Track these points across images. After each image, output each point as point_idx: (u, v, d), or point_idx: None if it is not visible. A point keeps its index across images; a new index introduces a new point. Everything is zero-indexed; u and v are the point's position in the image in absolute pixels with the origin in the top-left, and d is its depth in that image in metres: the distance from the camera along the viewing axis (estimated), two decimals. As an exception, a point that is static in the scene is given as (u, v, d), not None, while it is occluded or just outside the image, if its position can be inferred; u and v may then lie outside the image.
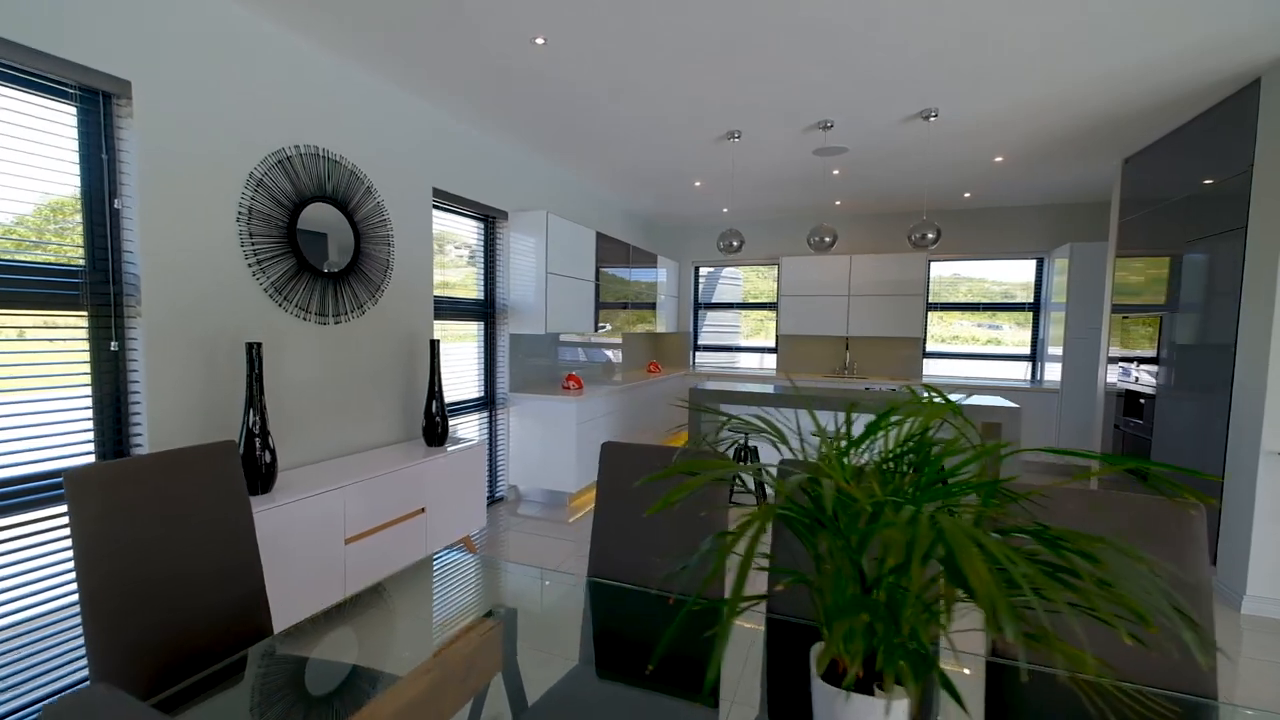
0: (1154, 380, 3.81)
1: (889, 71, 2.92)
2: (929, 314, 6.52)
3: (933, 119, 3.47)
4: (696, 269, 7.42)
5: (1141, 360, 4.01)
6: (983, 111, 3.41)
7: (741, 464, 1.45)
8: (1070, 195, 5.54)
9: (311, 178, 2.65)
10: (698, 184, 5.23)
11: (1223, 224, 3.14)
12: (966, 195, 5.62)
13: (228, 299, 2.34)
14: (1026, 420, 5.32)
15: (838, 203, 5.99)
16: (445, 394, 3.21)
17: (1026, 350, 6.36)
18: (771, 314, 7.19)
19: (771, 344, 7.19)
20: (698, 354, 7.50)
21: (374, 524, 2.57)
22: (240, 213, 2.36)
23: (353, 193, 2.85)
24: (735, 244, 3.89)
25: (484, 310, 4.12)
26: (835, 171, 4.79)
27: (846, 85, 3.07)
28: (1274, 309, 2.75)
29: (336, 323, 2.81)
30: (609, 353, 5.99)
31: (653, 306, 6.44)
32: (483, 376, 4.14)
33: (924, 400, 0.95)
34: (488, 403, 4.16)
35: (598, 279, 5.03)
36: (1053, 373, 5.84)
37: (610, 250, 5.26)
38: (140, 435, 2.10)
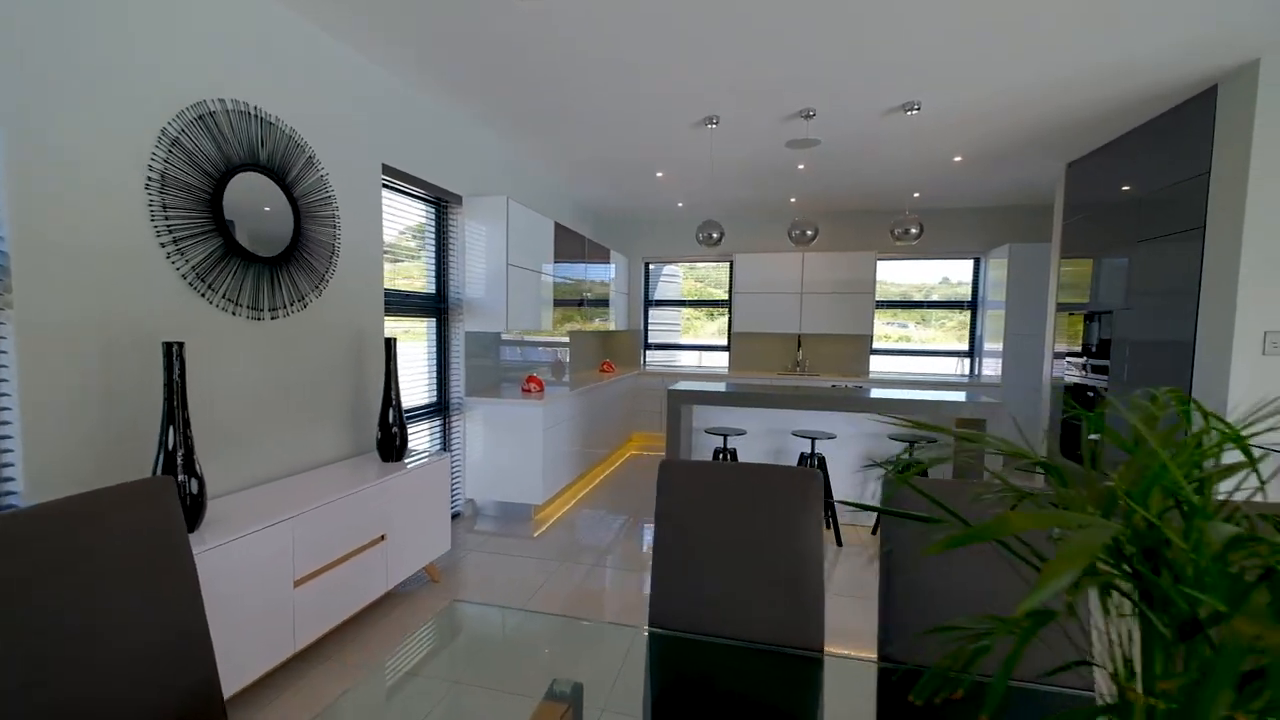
0: (1105, 374, 3.98)
1: (882, 54, 2.81)
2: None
3: (913, 113, 3.43)
4: (647, 265, 7.20)
5: (1090, 355, 4.20)
6: (962, 106, 3.40)
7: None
8: (1008, 198, 5.80)
9: (241, 141, 2.17)
10: (660, 175, 5.00)
11: (1179, 224, 3.29)
12: (916, 195, 5.75)
13: (135, 288, 1.85)
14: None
15: (793, 200, 5.96)
16: (391, 399, 2.79)
17: (964, 346, 6.63)
18: (719, 311, 7.09)
19: (721, 341, 7.10)
20: (648, 352, 7.29)
21: (328, 559, 2.14)
22: (151, 179, 1.87)
23: (291, 162, 2.39)
24: (715, 235, 3.69)
25: (436, 306, 3.68)
26: (800, 166, 4.72)
27: (837, 68, 2.94)
28: (1235, 306, 2.88)
29: (274, 318, 2.33)
30: (557, 352, 5.63)
31: (606, 303, 6.15)
32: (434, 380, 3.70)
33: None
34: (441, 409, 3.72)
35: (555, 273, 4.69)
36: (989, 368, 6.10)
37: (566, 243, 4.93)
38: (12, 471, 1.59)
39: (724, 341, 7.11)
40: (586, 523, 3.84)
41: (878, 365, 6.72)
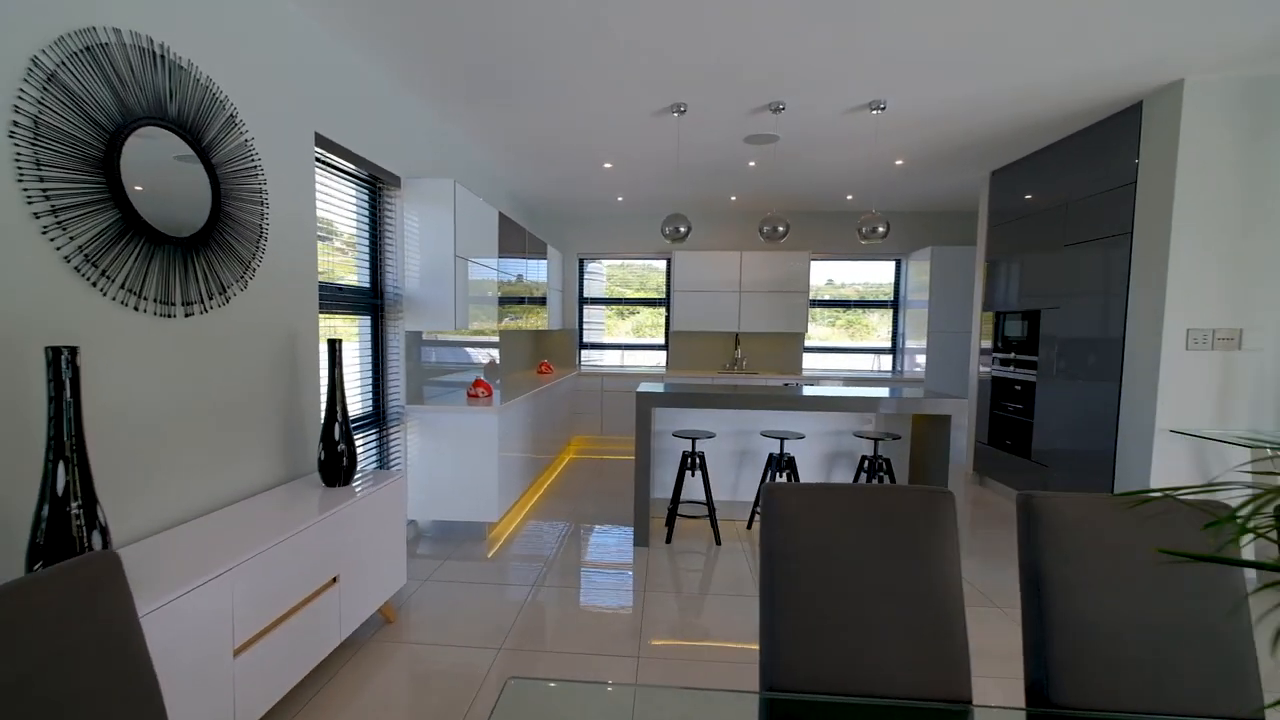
0: (1033, 369, 4.26)
1: (862, 44, 2.76)
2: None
3: (877, 112, 3.45)
4: (581, 261, 6.92)
5: (1017, 351, 4.48)
6: (923, 109, 3.46)
7: None
8: (930, 203, 6.13)
9: (144, 87, 1.69)
10: (608, 165, 4.75)
11: (1107, 230, 3.56)
12: (849, 198, 5.93)
13: (-6, 272, 1.35)
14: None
15: (733, 198, 5.94)
16: (337, 412, 2.35)
17: (887, 344, 6.96)
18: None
19: (649, 340, 6.97)
20: (582, 352, 7.01)
21: (273, 615, 1.72)
22: (18, 125, 1.38)
23: (209, 120, 1.91)
24: (682, 230, 3.52)
25: (370, 302, 3.21)
26: (752, 163, 4.67)
27: (818, 55, 2.86)
28: (1164, 305, 3.13)
29: (189, 314, 1.85)
30: (486, 353, 5.20)
31: (543, 301, 5.81)
32: (370, 386, 3.23)
33: None
34: (377, 420, 3.26)
35: (499, 268, 4.31)
36: (911, 364, 6.44)
37: (509, 235, 4.56)
38: None
39: (655, 340, 6.99)
40: (541, 538, 3.53)
41: (810, 363, 6.89)
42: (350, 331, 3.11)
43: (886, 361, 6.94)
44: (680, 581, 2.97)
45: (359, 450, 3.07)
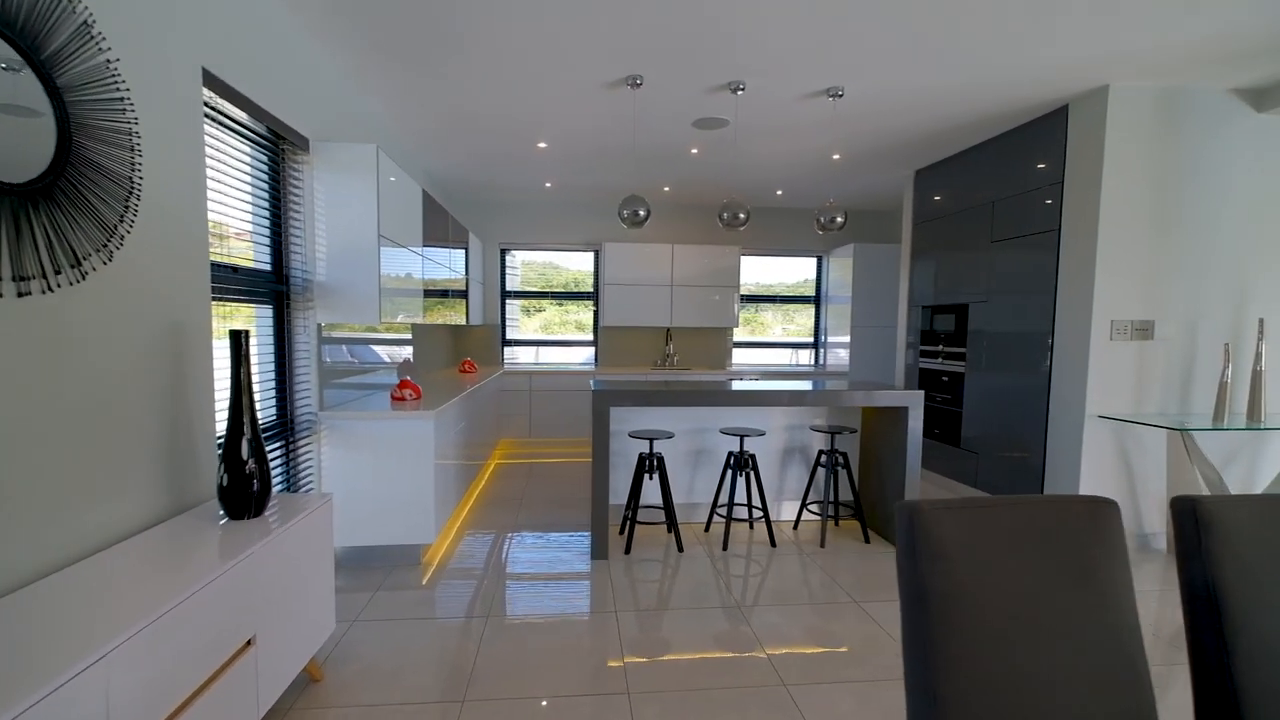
0: (962, 361, 4.45)
1: (831, 28, 2.65)
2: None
3: (835, 99, 3.38)
4: (504, 252, 6.43)
5: (946, 343, 4.67)
6: (880, 99, 3.43)
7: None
8: (851, 202, 6.31)
9: (-56, -42, 1.15)
10: (542, 145, 4.37)
11: (1035, 227, 3.74)
12: (779, 193, 5.95)
13: None
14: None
15: (666, 189, 5.76)
16: (245, 424, 1.84)
17: (809, 339, 7.12)
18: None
19: (585, 337, 6.65)
20: (505, 349, 6.53)
21: (170, 706, 1.25)
22: None
23: (49, 24, 1.38)
24: (641, 213, 3.24)
25: (273, 288, 2.65)
26: (694, 150, 4.49)
27: (783, 30, 2.70)
28: (1092, 298, 3.32)
29: (23, 293, 1.32)
30: (401, 351, 4.62)
31: (463, 294, 5.30)
32: (273, 390, 2.67)
33: None
34: (284, 430, 2.70)
35: (425, 254, 3.81)
36: (834, 357, 6.62)
37: (433, 218, 4.05)
38: None
39: (582, 336, 6.67)
40: (484, 557, 3.13)
41: (738, 358, 6.88)
42: (247, 323, 2.54)
43: (808, 356, 7.09)
44: (651, 597, 2.71)
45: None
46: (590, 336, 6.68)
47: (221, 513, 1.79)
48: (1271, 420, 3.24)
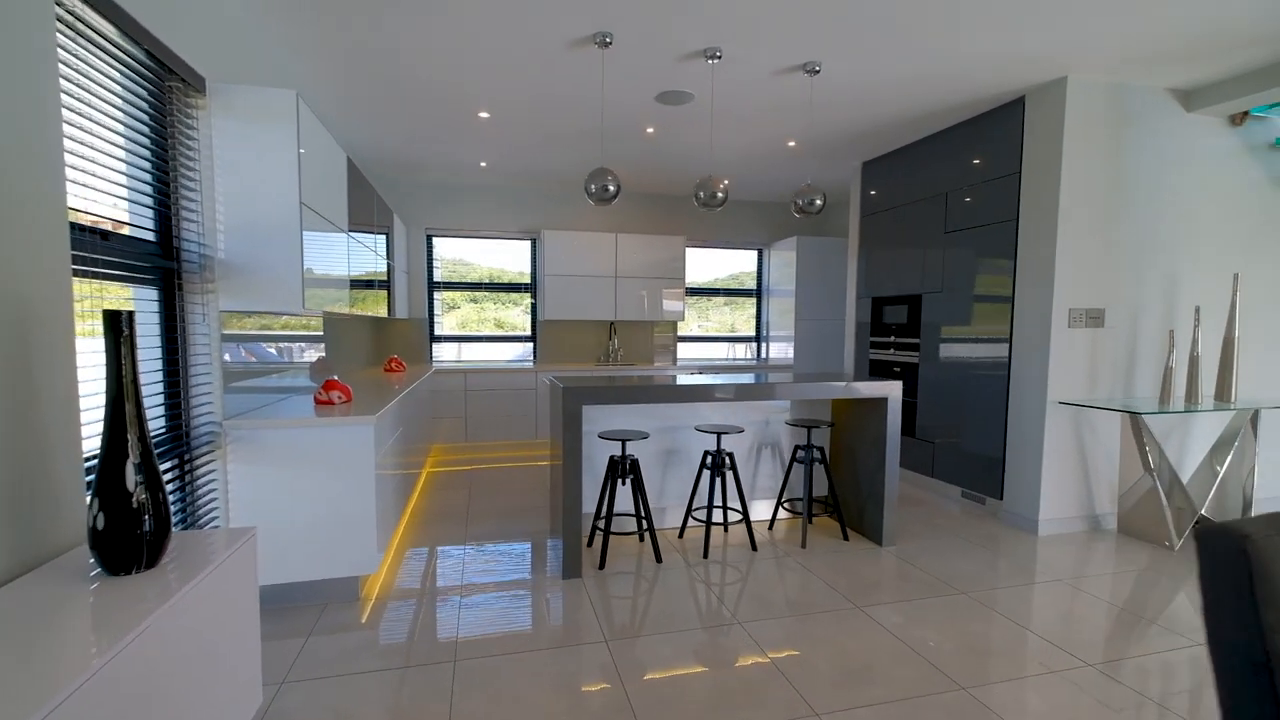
0: (916, 351, 4.47)
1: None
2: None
3: (812, 75, 3.21)
4: (430, 238, 5.84)
5: (898, 335, 4.69)
6: (855, 79, 3.30)
7: None
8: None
9: None
10: (484, 115, 3.91)
11: (991, 217, 3.78)
12: (725, 183, 5.78)
13: None
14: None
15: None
16: (130, 440, 1.33)
17: (752, 332, 7.06)
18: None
19: (522, 332, 6.20)
20: (435, 345, 5.94)
21: None
22: None
23: None
24: (611, 188, 2.91)
25: (158, 264, 2.08)
26: (650, 129, 4.21)
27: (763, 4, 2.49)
28: (1053, 287, 3.38)
29: None
30: (312, 347, 3.99)
31: (386, 285, 4.72)
32: (162, 395, 2.10)
33: None
34: (178, 446, 2.13)
35: (351, 233, 3.27)
36: (776, 351, 6.59)
37: (358, 193, 3.50)
38: None
39: (514, 331, 6.22)
40: (436, 585, 2.69)
41: (683, 352, 6.69)
42: (124, 308, 1.96)
43: (749, 350, 7.03)
44: (639, 620, 2.40)
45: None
46: (517, 332, 6.22)
47: (96, 566, 1.29)
48: (1207, 402, 3.44)
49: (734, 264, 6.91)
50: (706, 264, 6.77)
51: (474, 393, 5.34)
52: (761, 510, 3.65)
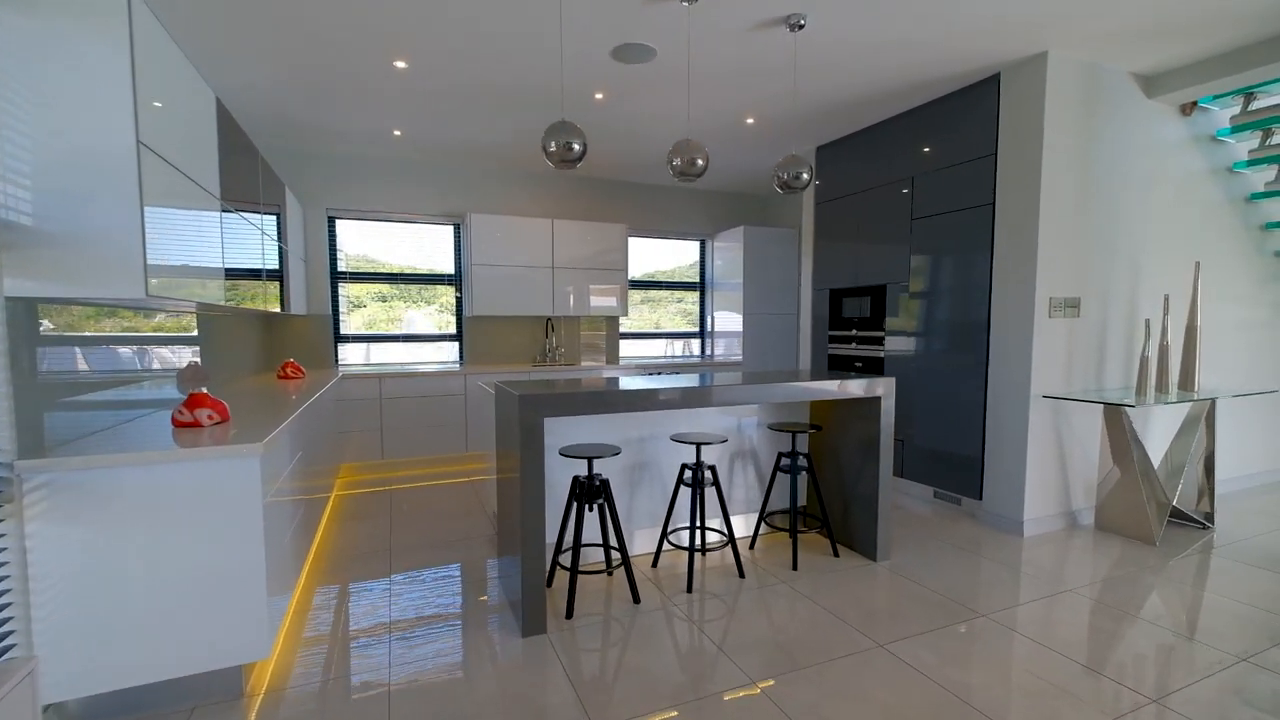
0: (880, 345, 4.25)
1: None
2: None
3: (795, 30, 2.83)
4: (332, 220, 4.98)
5: (860, 328, 4.46)
6: (839, 39, 2.95)
7: None
8: (737, 183, 5.96)
9: None
10: (400, 65, 3.23)
11: (964, 201, 3.58)
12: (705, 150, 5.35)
13: None
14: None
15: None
16: None
17: (695, 328, 6.69)
18: (406, 299, 5.46)
19: (447, 330, 5.47)
20: (340, 347, 5.09)
21: None
22: None
23: None
24: (576, 147, 2.36)
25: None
26: (599, 95, 3.68)
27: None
28: (1035, 274, 3.20)
29: None
30: (183, 352, 3.11)
31: (278, 276, 3.89)
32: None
33: None
34: (-69, 505, 1.38)
35: (224, 202, 2.51)
36: (721, 347, 6.27)
37: (233, 150, 2.73)
38: None
39: (436, 329, 5.49)
40: (349, 667, 2.05)
41: (625, 350, 6.21)
42: None
43: (694, 346, 6.66)
44: (633, 692, 1.89)
45: None
46: (439, 331, 5.49)
47: None
48: (1173, 392, 3.41)
49: (675, 256, 6.51)
50: (645, 256, 6.31)
51: (391, 401, 4.58)
52: (740, 527, 3.24)
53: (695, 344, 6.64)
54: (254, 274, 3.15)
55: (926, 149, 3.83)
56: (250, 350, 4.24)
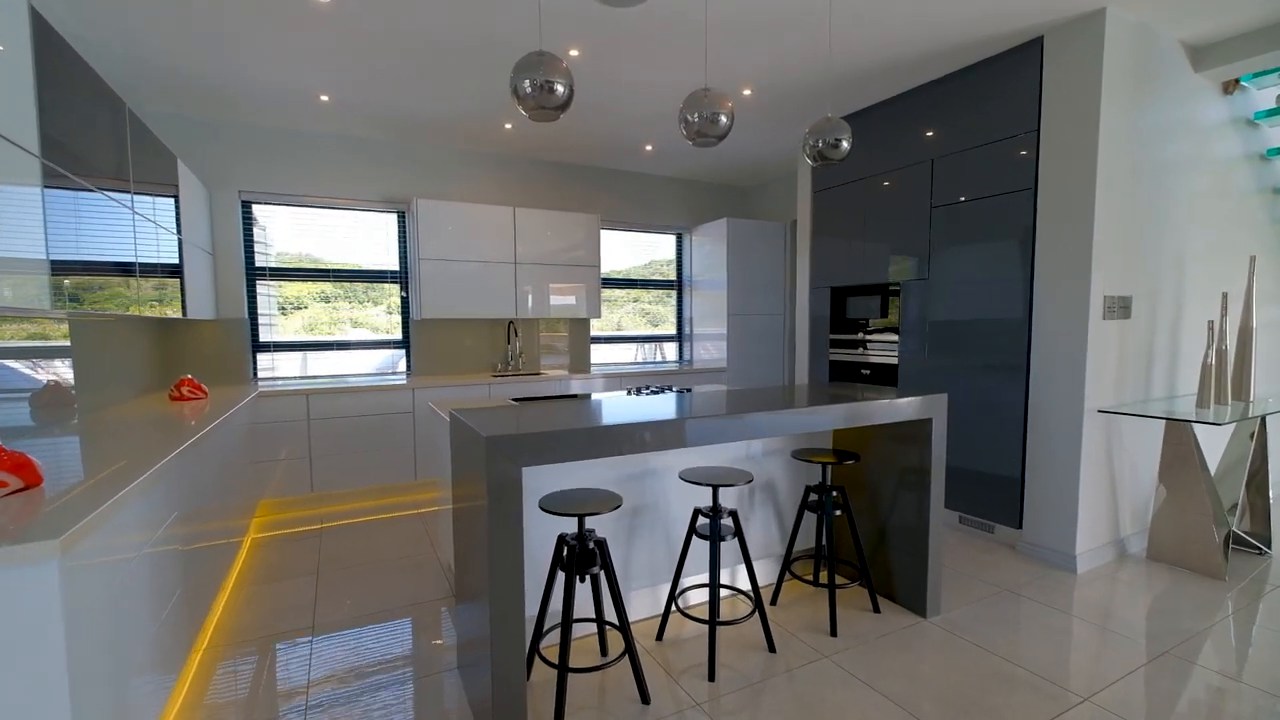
0: (893, 351, 3.77)
1: None
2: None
3: (827, -34, 2.27)
4: (248, 207, 4.15)
5: (867, 331, 3.97)
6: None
7: None
8: (717, 173, 5.41)
9: None
10: (324, 1, 2.51)
11: (998, 186, 3.12)
12: (649, 149, 4.77)
13: None
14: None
15: (508, 126, 4.17)
16: None
17: (673, 330, 6.11)
18: (344, 298, 4.70)
19: (391, 336, 4.71)
20: (260, 357, 4.26)
21: None
22: None
23: None
24: (560, 88, 1.70)
25: None
26: (574, 52, 3.04)
27: None
28: (1090, 268, 2.75)
29: None
30: (26, 367, 2.31)
31: (177, 271, 3.10)
32: None
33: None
34: None
35: (44, 156, 1.75)
36: (703, 351, 5.72)
37: (73, 102, 1.97)
38: None
39: (380, 332, 4.73)
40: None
41: (595, 356, 5.57)
42: None
43: (671, 351, 6.08)
44: None
45: None
46: (381, 336, 4.74)
47: None
48: (1261, 403, 3.03)
49: (646, 251, 5.91)
50: (608, 251, 5.69)
51: (321, 422, 3.81)
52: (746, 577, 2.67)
53: (668, 348, 6.06)
54: (123, 269, 2.38)
55: (950, 127, 3.36)
56: (141, 364, 3.41)
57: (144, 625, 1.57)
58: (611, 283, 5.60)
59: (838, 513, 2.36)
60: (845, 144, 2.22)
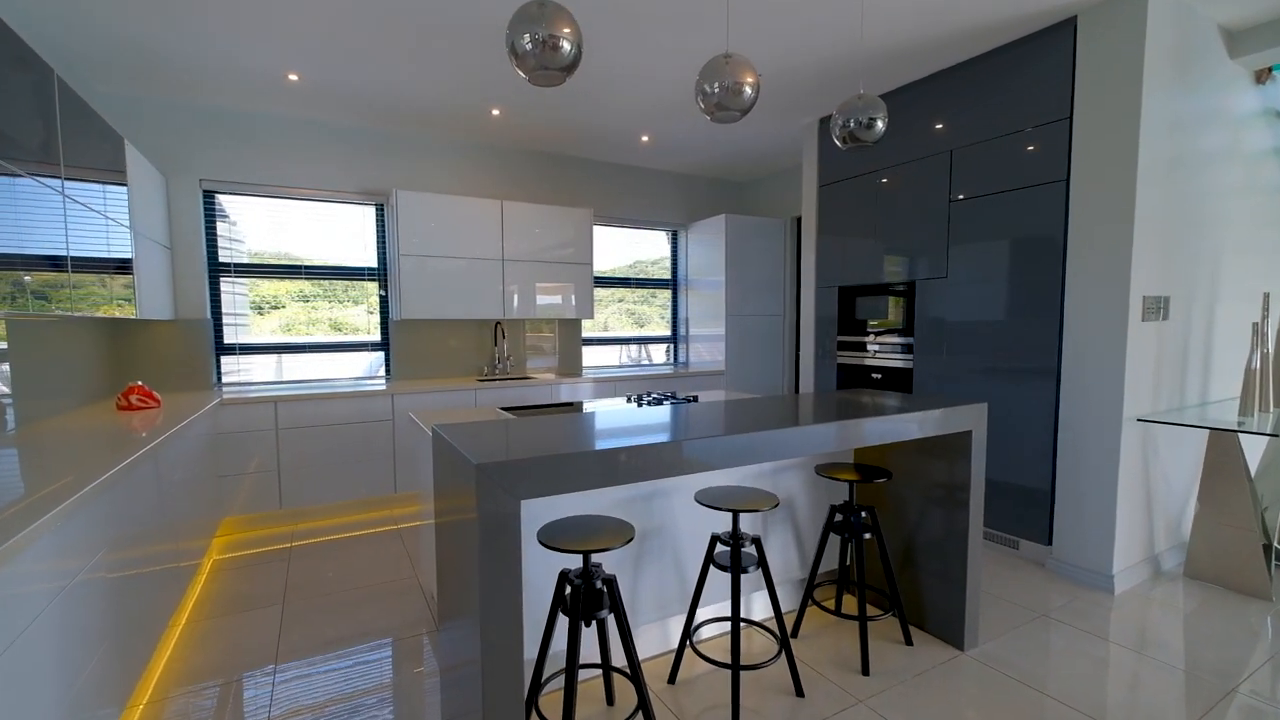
0: (908, 354, 3.55)
1: None
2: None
3: (859, -75, 2.03)
4: (211, 196, 3.82)
5: (878, 333, 3.75)
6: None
7: None
8: (714, 167, 5.17)
9: None
10: (285, -42, 2.21)
11: (1026, 178, 2.91)
12: (644, 139, 4.51)
13: None
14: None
15: (496, 112, 3.89)
16: None
17: (668, 331, 5.86)
18: (322, 297, 4.39)
19: (373, 336, 4.39)
20: (224, 361, 3.93)
21: None
22: None
23: None
24: (567, 47, 1.42)
25: None
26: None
27: None
28: (1129, 267, 2.55)
29: None
30: None
31: (126, 266, 2.78)
32: None
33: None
34: None
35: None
36: (699, 353, 5.48)
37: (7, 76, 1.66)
38: None
39: (351, 335, 4.42)
40: None
41: (587, 358, 5.30)
42: None
43: (665, 353, 5.83)
44: None
45: None
46: (357, 338, 4.42)
47: None
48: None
49: (643, 249, 5.65)
50: (611, 248, 5.42)
51: (291, 432, 3.49)
52: (764, 606, 2.43)
53: (661, 350, 5.81)
54: (53, 263, 2.07)
55: (970, 116, 3.14)
56: (88, 369, 3.07)
57: (65, 677, 1.27)
58: (605, 281, 5.33)
59: (867, 535, 2.12)
60: (880, 124, 1.99)
